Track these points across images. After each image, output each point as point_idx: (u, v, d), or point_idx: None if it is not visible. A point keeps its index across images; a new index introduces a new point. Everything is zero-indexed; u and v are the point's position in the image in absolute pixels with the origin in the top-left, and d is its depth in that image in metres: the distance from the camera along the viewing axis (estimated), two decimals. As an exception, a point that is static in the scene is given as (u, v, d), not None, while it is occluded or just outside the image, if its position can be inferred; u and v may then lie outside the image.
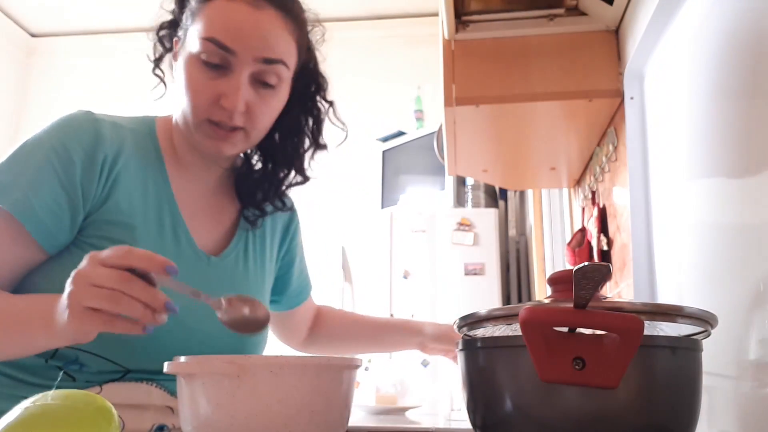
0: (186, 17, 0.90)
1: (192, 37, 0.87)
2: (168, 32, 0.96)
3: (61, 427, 0.46)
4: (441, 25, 1.43)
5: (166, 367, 0.60)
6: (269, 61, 0.87)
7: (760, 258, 0.73)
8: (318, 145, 1.04)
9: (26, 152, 0.84)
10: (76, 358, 0.83)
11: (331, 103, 1.05)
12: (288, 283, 1.14)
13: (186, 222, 0.94)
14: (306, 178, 1.05)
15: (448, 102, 1.41)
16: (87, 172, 0.84)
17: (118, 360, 0.83)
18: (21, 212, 0.80)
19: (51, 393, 0.48)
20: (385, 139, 3.69)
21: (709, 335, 0.61)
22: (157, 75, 0.98)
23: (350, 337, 1.23)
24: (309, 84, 1.02)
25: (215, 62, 0.85)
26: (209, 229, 0.98)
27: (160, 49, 0.97)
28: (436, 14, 1.66)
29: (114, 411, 0.49)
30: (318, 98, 1.03)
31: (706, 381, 0.58)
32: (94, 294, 0.64)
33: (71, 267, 0.68)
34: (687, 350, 0.56)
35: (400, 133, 3.63)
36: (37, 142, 0.84)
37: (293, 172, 1.04)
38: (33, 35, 4.56)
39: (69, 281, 0.67)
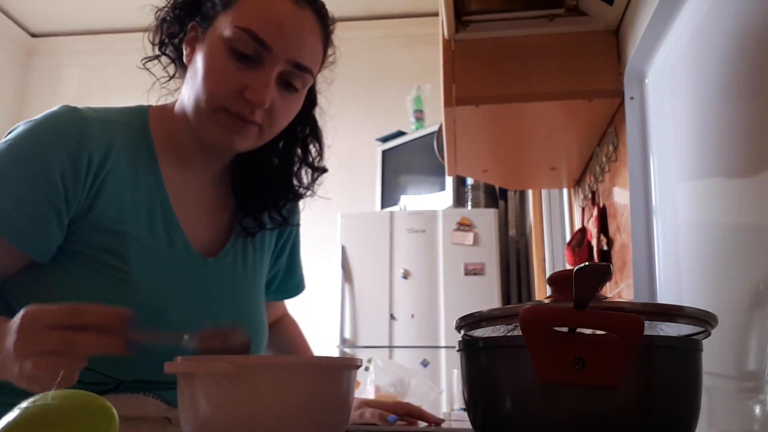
0: (214, 1, 0.85)
1: (223, 24, 0.82)
2: (182, 13, 0.89)
3: (61, 427, 0.46)
4: (441, 25, 1.43)
5: (167, 367, 0.60)
6: (300, 67, 0.84)
7: (760, 258, 0.73)
8: (315, 167, 1.01)
9: (2, 156, 0.79)
10: None
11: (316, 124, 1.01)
12: (279, 279, 1.10)
13: (180, 221, 0.89)
14: (298, 196, 1.01)
15: (448, 102, 1.41)
16: (70, 175, 0.79)
17: (110, 372, 0.79)
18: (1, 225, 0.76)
19: (51, 393, 0.48)
20: (385, 139, 3.68)
21: (709, 335, 0.61)
22: (167, 55, 0.91)
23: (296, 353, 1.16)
24: (312, 99, 0.99)
25: (246, 53, 0.81)
26: (205, 229, 0.94)
27: (170, 30, 0.90)
28: (436, 14, 1.66)
29: (114, 411, 0.49)
30: (312, 113, 1.00)
31: (706, 381, 0.58)
32: (39, 363, 0.60)
33: (60, 277, 0.69)
34: (687, 350, 0.56)
35: (400, 133, 3.63)
36: (16, 144, 0.79)
37: (289, 187, 1.00)
38: (33, 35, 4.56)
39: (12, 336, 0.62)
